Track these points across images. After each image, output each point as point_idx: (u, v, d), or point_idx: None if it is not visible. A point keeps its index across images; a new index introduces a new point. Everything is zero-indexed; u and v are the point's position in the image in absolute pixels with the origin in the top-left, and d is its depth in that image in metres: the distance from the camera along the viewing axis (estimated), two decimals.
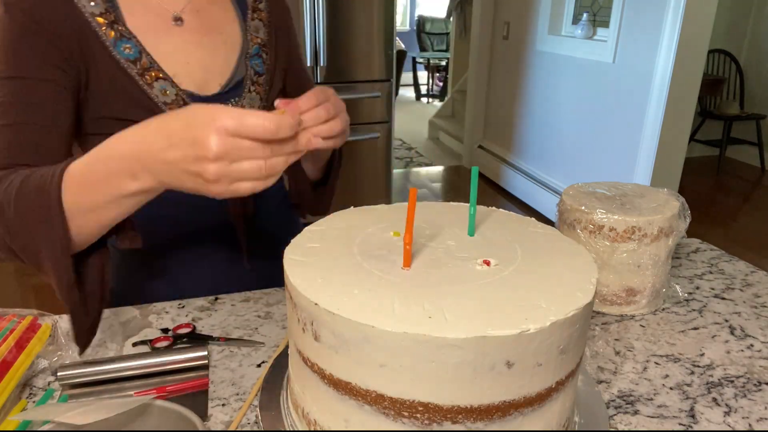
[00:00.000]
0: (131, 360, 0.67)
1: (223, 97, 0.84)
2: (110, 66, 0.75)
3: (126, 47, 0.76)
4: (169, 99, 0.79)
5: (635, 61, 2.86)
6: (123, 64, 0.76)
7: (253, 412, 0.63)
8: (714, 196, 4.12)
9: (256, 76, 0.87)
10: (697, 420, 0.63)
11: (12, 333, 0.68)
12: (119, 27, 0.76)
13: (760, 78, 4.64)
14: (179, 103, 0.80)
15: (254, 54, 0.87)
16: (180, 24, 0.81)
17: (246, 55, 0.87)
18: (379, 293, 0.49)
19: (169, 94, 0.79)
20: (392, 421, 0.47)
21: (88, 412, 0.51)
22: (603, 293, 0.84)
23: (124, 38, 0.76)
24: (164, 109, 0.79)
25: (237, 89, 0.85)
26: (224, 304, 0.84)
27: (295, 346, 0.54)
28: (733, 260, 1.03)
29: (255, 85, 0.87)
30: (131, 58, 0.76)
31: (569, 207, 0.84)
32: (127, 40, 0.76)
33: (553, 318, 0.46)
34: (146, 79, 0.77)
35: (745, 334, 0.80)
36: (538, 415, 0.50)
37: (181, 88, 0.80)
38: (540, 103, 3.69)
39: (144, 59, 0.77)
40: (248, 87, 0.86)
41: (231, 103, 0.85)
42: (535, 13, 3.61)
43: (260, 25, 0.89)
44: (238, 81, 0.85)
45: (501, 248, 0.59)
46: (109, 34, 0.75)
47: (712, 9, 2.62)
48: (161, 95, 0.79)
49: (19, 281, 2.79)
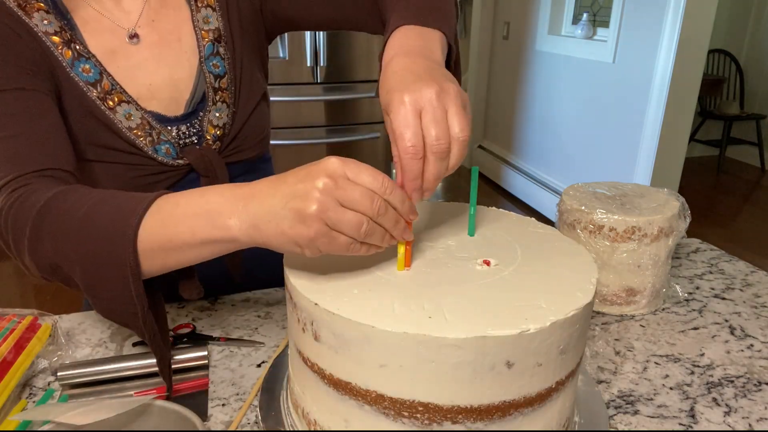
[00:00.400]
0: (131, 360, 0.67)
1: (190, 116, 0.78)
2: (73, 88, 0.70)
3: (84, 68, 0.71)
4: (134, 124, 0.74)
5: (635, 61, 2.86)
6: (83, 87, 0.71)
7: (253, 412, 0.63)
8: (714, 196, 4.12)
9: (217, 80, 0.78)
10: (697, 420, 0.63)
11: (12, 333, 0.68)
12: (76, 46, 0.70)
13: (760, 78, 4.64)
14: (144, 128, 0.74)
15: (208, 54, 0.78)
16: (136, 41, 0.75)
17: (201, 60, 0.78)
18: (379, 293, 0.49)
19: (133, 119, 0.73)
20: (392, 421, 0.47)
21: (88, 412, 0.51)
22: (603, 293, 0.84)
23: (82, 58, 0.71)
24: (129, 136, 0.73)
25: (203, 103, 0.78)
26: (224, 304, 0.84)
27: (295, 346, 0.54)
28: (733, 260, 1.03)
29: (219, 91, 0.78)
30: (91, 81, 0.71)
31: (569, 207, 0.84)
32: (85, 60, 0.71)
33: (553, 318, 0.46)
34: (108, 104, 0.72)
35: (745, 334, 0.80)
36: (538, 415, 0.50)
37: (147, 110, 0.75)
38: (540, 103, 3.69)
39: (105, 81, 0.72)
40: (210, 98, 0.78)
41: (198, 119, 0.78)
42: (535, 13, 3.61)
43: (209, 13, 0.78)
44: (201, 94, 0.78)
45: (501, 248, 0.59)
46: (66, 54, 0.70)
47: (712, 9, 2.62)
48: (125, 120, 0.73)
49: (19, 281, 2.79)
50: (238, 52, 0.80)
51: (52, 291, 2.65)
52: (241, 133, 0.81)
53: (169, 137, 0.76)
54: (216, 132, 0.79)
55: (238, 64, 0.80)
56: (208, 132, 0.79)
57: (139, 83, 0.75)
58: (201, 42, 0.78)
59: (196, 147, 0.79)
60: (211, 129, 0.79)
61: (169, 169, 0.77)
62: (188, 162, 0.78)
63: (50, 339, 0.72)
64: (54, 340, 0.72)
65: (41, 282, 0.88)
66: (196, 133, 0.78)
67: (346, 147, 3.08)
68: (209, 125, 0.78)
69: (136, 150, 0.74)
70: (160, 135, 0.76)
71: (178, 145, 0.77)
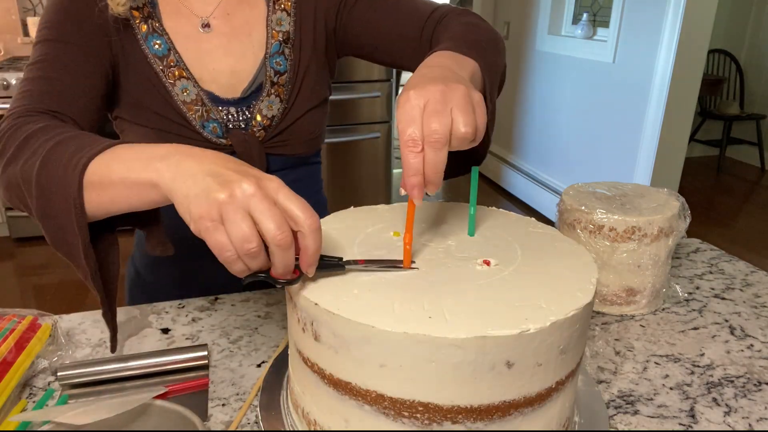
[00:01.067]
0: (131, 360, 0.67)
1: (243, 101, 0.83)
2: (139, 58, 0.79)
3: (156, 43, 0.79)
4: (189, 99, 0.81)
5: (635, 61, 2.86)
6: (150, 59, 0.79)
7: (253, 412, 0.63)
8: (714, 196, 4.12)
9: (276, 76, 0.84)
10: (697, 420, 0.63)
11: (12, 333, 0.68)
12: (153, 23, 0.79)
13: (760, 78, 4.64)
14: (197, 104, 0.81)
15: (274, 52, 0.84)
16: (208, 30, 0.82)
17: (266, 55, 0.84)
18: (379, 293, 0.49)
19: (189, 93, 0.80)
20: (392, 421, 0.47)
21: (88, 412, 0.51)
22: (603, 293, 0.84)
23: (156, 34, 0.79)
24: (182, 108, 0.80)
25: (257, 93, 0.84)
26: (224, 304, 0.84)
27: (295, 346, 0.55)
28: (733, 260, 1.03)
29: (275, 86, 0.84)
30: (159, 54, 0.79)
31: (569, 207, 0.84)
32: (158, 36, 0.79)
33: (553, 318, 0.46)
34: (169, 76, 0.80)
35: (745, 334, 0.80)
36: (538, 415, 0.50)
37: (203, 88, 0.81)
38: (540, 103, 3.69)
39: (171, 57, 0.80)
40: (266, 90, 0.84)
41: (250, 106, 0.83)
42: (535, 13, 3.61)
43: (283, 17, 0.85)
44: (259, 84, 0.84)
45: (501, 248, 0.59)
46: (142, 28, 0.78)
47: (712, 9, 2.62)
48: (182, 94, 0.80)
49: (19, 281, 2.79)
50: (303, 56, 0.86)
51: (52, 291, 2.65)
52: (288, 130, 0.86)
53: (218, 116, 0.82)
54: (263, 122, 0.84)
55: (301, 68, 0.86)
56: (255, 119, 0.84)
57: (203, 67, 0.82)
58: (270, 40, 0.84)
59: (242, 132, 0.84)
60: (260, 117, 0.84)
61: (212, 147, 0.78)
62: (231, 143, 0.83)
63: (50, 339, 0.72)
64: (54, 340, 0.72)
65: (41, 282, 0.89)
66: (245, 119, 0.84)
67: (346, 147, 3.08)
68: (258, 114, 0.84)
69: (185, 122, 0.81)
70: (209, 113, 0.82)
71: (225, 126, 0.83)
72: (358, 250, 0.57)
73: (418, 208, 0.54)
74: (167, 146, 0.53)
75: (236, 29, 0.83)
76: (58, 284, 2.70)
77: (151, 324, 0.79)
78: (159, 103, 0.80)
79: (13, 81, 2.81)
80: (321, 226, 0.48)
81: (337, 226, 0.63)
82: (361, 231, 0.62)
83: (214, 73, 0.82)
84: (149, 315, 0.81)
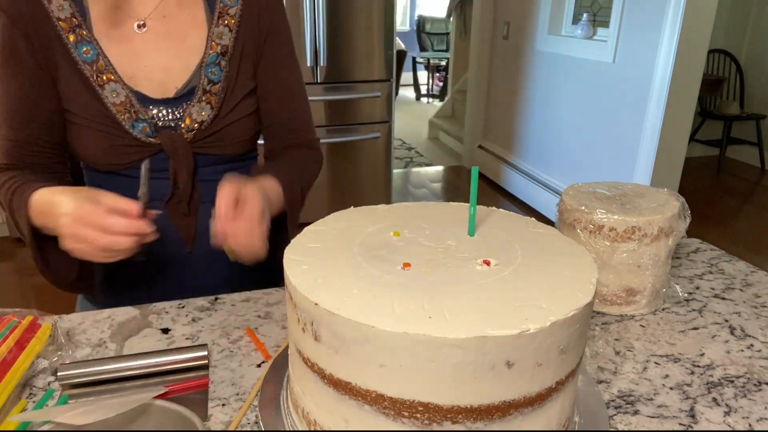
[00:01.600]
0: (131, 360, 0.67)
1: (173, 102, 0.87)
2: (71, 66, 0.83)
3: (85, 50, 0.83)
4: (118, 101, 0.84)
5: (635, 61, 2.86)
6: (80, 66, 0.83)
7: (253, 412, 0.63)
8: (714, 196, 4.12)
9: (210, 84, 0.88)
10: (697, 420, 0.63)
11: (12, 333, 0.68)
12: (81, 31, 0.83)
13: (760, 78, 4.64)
14: (127, 105, 0.84)
15: (210, 62, 0.88)
16: (143, 30, 0.86)
17: (202, 63, 0.88)
18: (379, 293, 0.49)
19: (118, 96, 0.84)
20: (392, 421, 0.47)
21: (88, 412, 0.51)
22: (603, 293, 0.84)
23: (84, 41, 0.83)
24: (112, 110, 0.84)
25: (189, 96, 0.87)
26: (224, 304, 0.84)
27: (295, 346, 0.55)
28: (733, 260, 1.03)
29: (207, 94, 0.88)
30: (88, 61, 0.83)
31: (569, 207, 0.84)
32: (87, 43, 0.83)
33: (553, 318, 0.46)
34: (98, 81, 0.84)
35: (745, 334, 0.80)
36: (538, 415, 0.50)
37: (133, 90, 0.85)
38: (540, 103, 3.69)
39: (100, 61, 0.84)
40: (198, 96, 0.87)
41: (180, 107, 0.87)
42: (535, 13, 3.61)
43: (224, 31, 0.89)
44: (191, 88, 0.87)
45: (501, 248, 0.59)
46: (70, 38, 0.83)
47: (712, 9, 2.62)
48: (111, 96, 0.84)
49: (19, 281, 2.79)
50: (240, 71, 0.91)
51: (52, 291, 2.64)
52: (216, 134, 0.90)
53: (147, 117, 0.86)
54: (192, 125, 0.88)
55: (236, 81, 0.90)
56: (185, 122, 0.87)
57: (136, 65, 0.86)
58: (208, 50, 0.88)
59: (171, 131, 0.87)
60: (189, 121, 0.88)
61: (142, 145, 0.87)
62: (160, 142, 0.87)
63: (50, 339, 0.72)
64: (54, 340, 0.72)
65: (42, 282, 0.91)
66: (174, 119, 0.88)
67: (346, 147, 3.09)
68: (188, 117, 0.88)
69: (115, 124, 0.85)
70: (138, 114, 0.85)
71: (155, 125, 0.87)
72: (358, 250, 0.57)
73: (418, 208, 0.54)
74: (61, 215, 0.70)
75: (171, 31, 0.87)
76: None
77: (151, 324, 0.79)
78: (91, 106, 0.84)
79: None
80: None
81: (337, 226, 0.63)
82: (361, 231, 0.62)
83: (146, 70, 0.86)
84: (149, 315, 0.81)
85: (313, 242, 0.59)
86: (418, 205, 0.70)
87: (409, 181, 4.41)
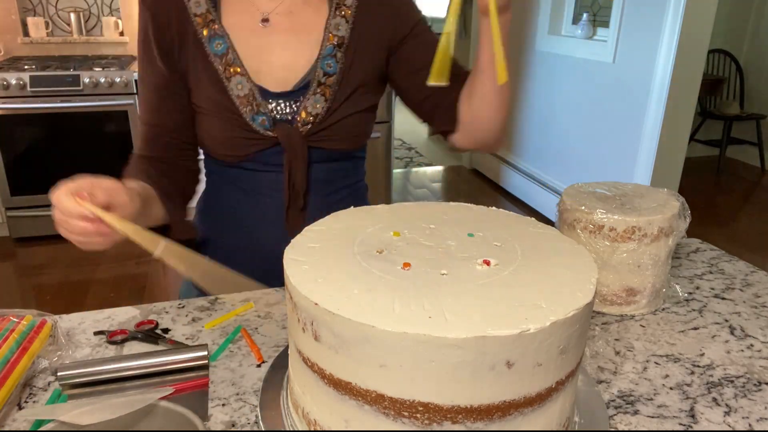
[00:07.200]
0: (131, 360, 0.67)
1: (291, 95, 0.89)
2: (203, 59, 0.88)
3: (217, 44, 0.88)
4: (242, 93, 0.88)
5: (635, 61, 2.86)
6: (211, 58, 0.88)
7: (253, 412, 0.63)
8: (714, 196, 4.12)
9: (325, 77, 0.90)
10: (697, 420, 0.63)
11: (12, 333, 0.68)
12: (214, 26, 0.88)
13: (760, 78, 4.64)
14: (250, 98, 0.88)
15: (326, 54, 0.90)
16: (267, 25, 0.90)
17: (319, 56, 0.90)
18: (379, 293, 0.49)
19: (242, 89, 0.88)
20: (392, 421, 0.47)
21: (92, 412, 0.51)
22: (603, 293, 0.84)
23: (217, 36, 0.88)
24: (236, 102, 0.88)
25: (305, 89, 0.89)
26: (224, 304, 0.84)
27: (295, 346, 0.55)
28: (733, 260, 1.03)
29: (321, 86, 0.89)
30: (218, 54, 0.88)
31: (569, 207, 0.84)
32: (219, 37, 0.88)
33: (553, 318, 0.46)
34: (226, 74, 0.88)
35: (745, 334, 0.80)
36: (538, 415, 0.50)
37: (255, 83, 0.88)
38: (540, 103, 3.69)
39: (229, 55, 0.88)
40: (313, 88, 0.89)
41: (297, 100, 0.89)
42: (535, 13, 3.61)
43: (342, 22, 0.91)
44: (308, 81, 0.89)
45: (501, 248, 0.59)
46: (204, 32, 0.88)
47: (712, 9, 2.62)
48: (236, 89, 0.88)
49: (19, 281, 2.79)
50: (354, 63, 0.92)
51: (52, 291, 2.65)
52: (330, 128, 0.91)
53: (266, 110, 0.89)
54: (307, 118, 0.90)
55: (350, 73, 0.91)
56: (300, 115, 0.90)
57: (261, 60, 0.89)
58: (325, 42, 0.90)
59: (287, 125, 0.90)
60: (304, 114, 0.89)
61: (260, 137, 0.89)
62: (276, 135, 0.89)
63: (50, 339, 0.72)
64: (54, 340, 0.72)
65: (42, 282, 0.91)
66: (291, 112, 0.90)
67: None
68: (303, 110, 0.89)
69: (237, 115, 0.88)
70: (259, 107, 0.88)
71: (273, 119, 0.89)
72: (358, 250, 0.57)
73: (418, 208, 0.54)
74: None
75: (296, 27, 0.90)
76: (58, 284, 2.70)
77: None
78: (216, 98, 0.88)
79: (12, 81, 2.80)
80: None
81: (337, 226, 0.63)
82: (361, 231, 0.62)
83: (270, 65, 0.89)
84: (149, 315, 0.81)
85: (313, 242, 0.59)
86: (418, 205, 0.70)
87: (409, 181, 4.41)
